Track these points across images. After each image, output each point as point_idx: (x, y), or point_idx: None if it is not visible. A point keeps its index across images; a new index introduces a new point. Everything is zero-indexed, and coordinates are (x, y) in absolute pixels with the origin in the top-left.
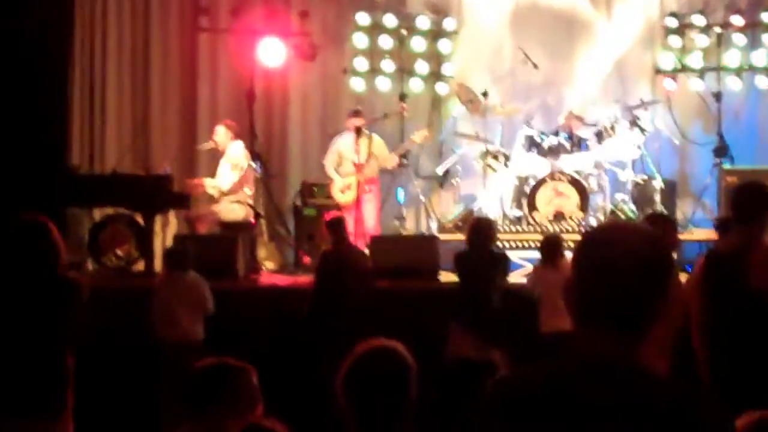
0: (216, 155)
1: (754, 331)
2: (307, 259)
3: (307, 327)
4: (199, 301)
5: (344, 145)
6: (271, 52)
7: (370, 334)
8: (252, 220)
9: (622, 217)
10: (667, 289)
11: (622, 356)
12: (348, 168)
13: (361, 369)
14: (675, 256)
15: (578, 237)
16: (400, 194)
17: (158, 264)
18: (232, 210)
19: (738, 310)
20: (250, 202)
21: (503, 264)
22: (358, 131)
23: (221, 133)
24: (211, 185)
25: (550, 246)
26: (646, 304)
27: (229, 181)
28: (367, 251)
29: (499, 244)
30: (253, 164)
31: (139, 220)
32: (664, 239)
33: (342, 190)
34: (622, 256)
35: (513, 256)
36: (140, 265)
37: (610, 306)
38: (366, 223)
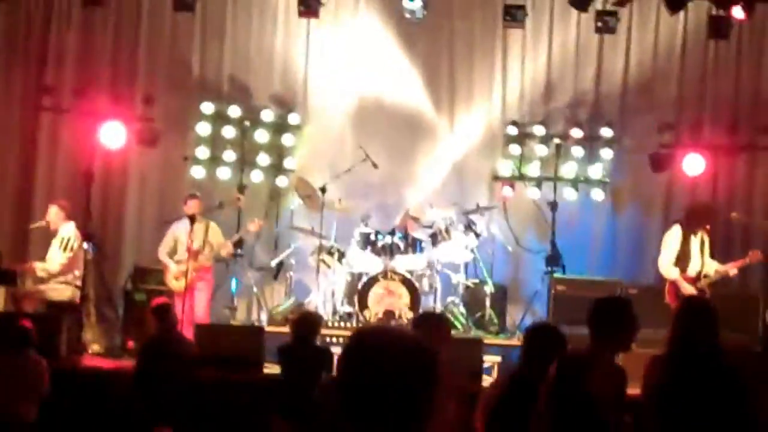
0: (49, 235)
1: None
2: (132, 344)
3: (127, 412)
4: (36, 383)
5: (180, 230)
6: (112, 135)
7: (191, 424)
8: (78, 301)
9: (452, 319)
10: (433, 393)
11: None
12: (183, 254)
13: None
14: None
15: None
16: (233, 284)
17: None
18: (59, 290)
19: (577, 415)
20: (78, 283)
21: (327, 359)
22: (192, 218)
23: (53, 214)
24: (41, 268)
25: None
26: (411, 407)
27: (58, 262)
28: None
29: (327, 339)
30: (86, 245)
31: None
32: (431, 344)
33: (176, 276)
34: (388, 360)
35: (340, 351)
36: None
37: (376, 409)
38: (196, 310)
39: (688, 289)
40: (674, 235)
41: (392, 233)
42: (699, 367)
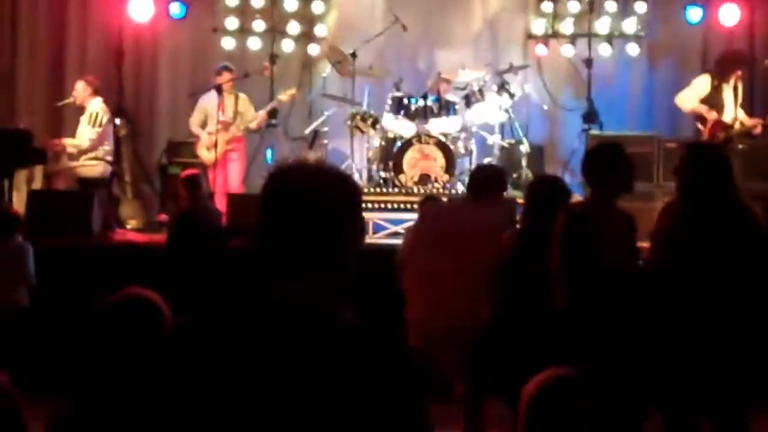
0: (80, 112)
1: (602, 289)
2: (163, 217)
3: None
4: (19, 270)
5: (210, 102)
6: (141, 8)
7: (222, 293)
8: (109, 176)
9: None
10: (354, 226)
11: (301, 295)
12: (213, 126)
13: (112, 316)
14: None
15: (444, 199)
16: (269, 154)
17: None
18: (91, 167)
19: (591, 267)
20: (109, 158)
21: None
22: (220, 89)
23: (80, 89)
24: (70, 144)
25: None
26: (331, 238)
27: (87, 137)
28: None
29: (363, 205)
30: (117, 121)
31: None
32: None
33: (207, 147)
34: (310, 187)
35: (377, 217)
36: None
37: (295, 240)
38: (230, 181)
39: (712, 116)
40: (701, 80)
41: (425, 97)
42: (707, 210)
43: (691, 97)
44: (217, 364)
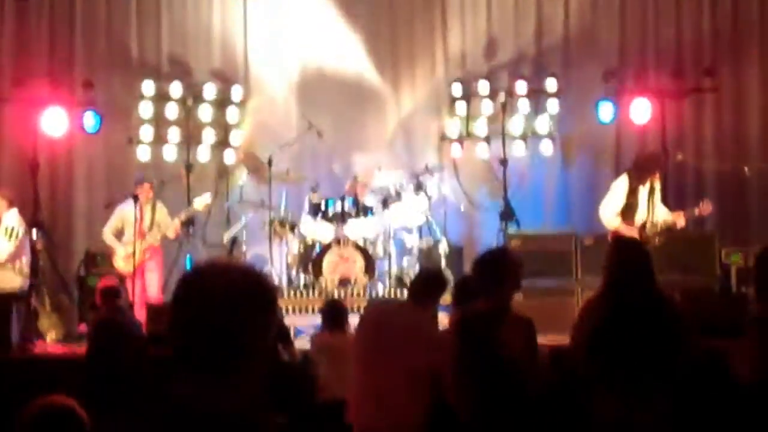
0: None
1: (502, 390)
2: (83, 328)
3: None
4: None
5: (127, 212)
6: (55, 123)
7: (143, 404)
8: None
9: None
10: (268, 327)
11: (213, 402)
12: (131, 236)
13: (32, 425)
14: None
15: (364, 302)
16: (188, 263)
17: None
18: (8, 279)
19: (487, 370)
20: (27, 271)
21: (282, 332)
22: (137, 198)
23: None
24: None
25: (334, 311)
26: (244, 341)
27: (5, 251)
28: None
29: (285, 309)
30: (33, 233)
31: None
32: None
33: (124, 258)
34: (221, 289)
35: (298, 321)
36: None
37: (207, 343)
38: (149, 291)
39: (631, 233)
40: (621, 185)
41: (342, 200)
42: (632, 309)
43: (614, 215)
44: None
